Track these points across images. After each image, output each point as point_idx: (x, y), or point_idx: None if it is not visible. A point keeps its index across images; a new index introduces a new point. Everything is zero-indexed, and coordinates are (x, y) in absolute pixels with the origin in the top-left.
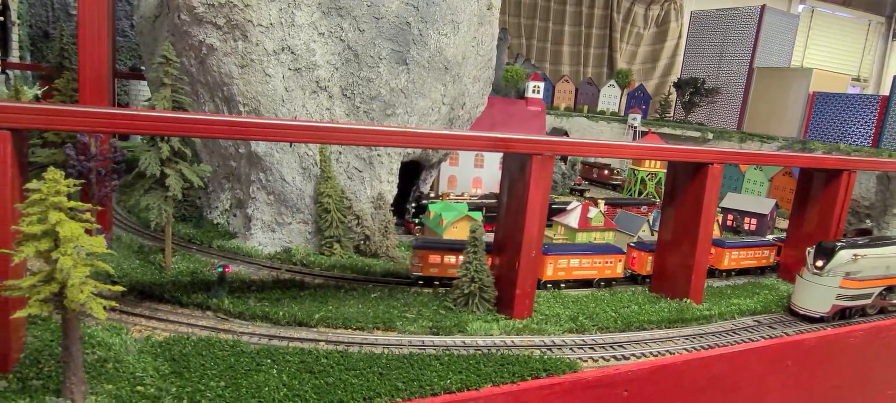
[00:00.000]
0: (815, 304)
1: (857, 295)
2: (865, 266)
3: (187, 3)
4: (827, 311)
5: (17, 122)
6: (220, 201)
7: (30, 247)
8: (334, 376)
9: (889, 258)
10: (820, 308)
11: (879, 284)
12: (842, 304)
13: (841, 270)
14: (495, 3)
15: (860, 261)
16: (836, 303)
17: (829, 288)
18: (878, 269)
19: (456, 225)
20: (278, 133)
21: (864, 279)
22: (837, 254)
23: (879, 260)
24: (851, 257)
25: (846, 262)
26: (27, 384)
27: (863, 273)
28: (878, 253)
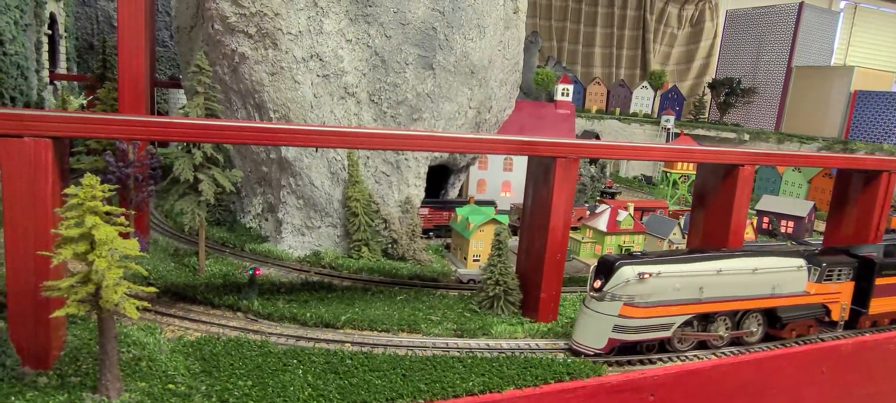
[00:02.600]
0: (589, 337)
1: (645, 326)
2: (661, 287)
3: (220, 12)
4: (602, 347)
5: (57, 131)
6: (252, 205)
7: (68, 250)
8: (358, 377)
9: (700, 276)
10: (594, 342)
11: (685, 312)
12: (620, 338)
13: (622, 293)
14: (522, 6)
15: (651, 282)
16: (613, 337)
17: (605, 317)
18: (684, 291)
19: (483, 229)
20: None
21: (658, 305)
22: (617, 272)
23: (684, 279)
24: (637, 276)
25: (629, 283)
26: (66, 380)
27: (656, 296)
28: (682, 271)
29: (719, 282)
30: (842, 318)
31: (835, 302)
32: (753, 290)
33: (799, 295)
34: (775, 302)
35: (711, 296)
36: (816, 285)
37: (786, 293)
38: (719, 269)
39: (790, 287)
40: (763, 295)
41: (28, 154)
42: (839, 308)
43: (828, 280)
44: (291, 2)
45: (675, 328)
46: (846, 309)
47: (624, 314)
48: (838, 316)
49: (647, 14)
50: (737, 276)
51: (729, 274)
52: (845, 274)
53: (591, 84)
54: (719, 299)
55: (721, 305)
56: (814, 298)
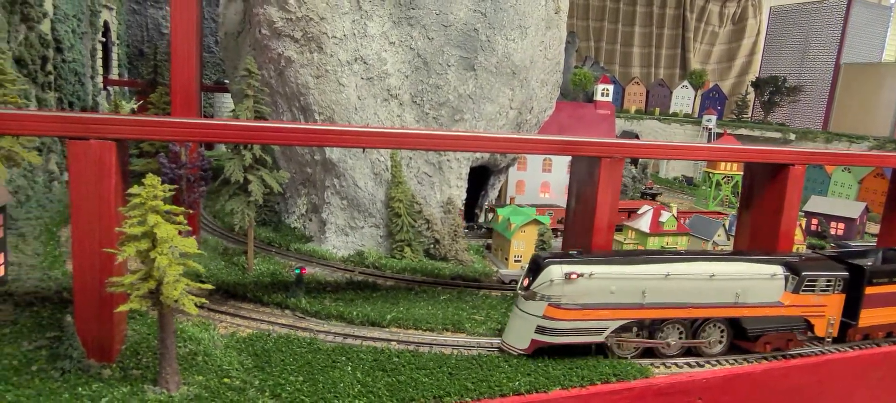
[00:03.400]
0: (514, 337)
1: (571, 329)
2: (592, 289)
3: (268, 18)
4: (525, 348)
5: (120, 133)
6: (296, 206)
7: (131, 247)
8: (406, 374)
9: (642, 279)
10: (518, 343)
11: (620, 316)
12: (543, 340)
13: (547, 293)
14: (563, 6)
15: (581, 283)
16: (536, 338)
17: (529, 317)
18: (621, 295)
19: (524, 230)
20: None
21: (587, 307)
22: (544, 271)
23: (622, 282)
24: (564, 276)
25: (555, 283)
26: (127, 373)
27: (587, 298)
28: (619, 273)
29: (667, 287)
30: (829, 334)
31: (818, 315)
32: (711, 298)
33: (771, 306)
34: (739, 311)
35: (656, 302)
36: (793, 296)
37: (754, 302)
38: (667, 273)
39: (760, 296)
40: (724, 303)
41: (94, 155)
42: (825, 322)
43: (808, 291)
44: (337, 6)
45: (608, 333)
46: (835, 324)
47: (548, 315)
48: (824, 330)
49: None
50: (689, 282)
51: (679, 279)
52: (832, 286)
53: (629, 84)
54: (667, 305)
55: (669, 312)
56: (789, 310)
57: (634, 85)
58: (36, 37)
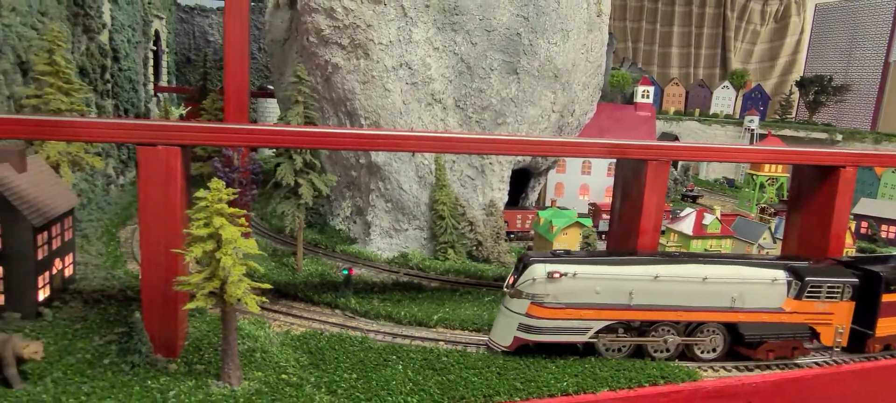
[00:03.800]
0: (499, 334)
1: (553, 327)
2: (576, 288)
3: (316, 26)
4: (508, 345)
5: (185, 139)
6: (341, 208)
7: (198, 248)
8: (455, 373)
9: (629, 280)
10: (502, 340)
11: (605, 317)
12: (525, 338)
13: (530, 292)
14: (605, 8)
15: (564, 282)
16: (518, 336)
17: (513, 315)
18: (606, 295)
19: (566, 232)
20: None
21: (571, 307)
22: (527, 269)
23: (608, 282)
24: (546, 275)
25: (537, 281)
26: (192, 368)
27: (571, 298)
28: (605, 273)
29: (656, 289)
30: (837, 343)
31: (824, 323)
32: (705, 301)
33: (770, 312)
34: (736, 316)
35: (644, 303)
36: (795, 302)
37: (751, 307)
38: (657, 275)
39: (759, 301)
40: (719, 307)
41: (161, 161)
42: (832, 331)
43: (811, 298)
44: (383, 14)
45: (592, 333)
46: (843, 333)
47: (531, 313)
48: (831, 340)
49: (728, 11)
50: (680, 284)
51: (669, 281)
52: (840, 293)
53: (668, 85)
54: (656, 307)
55: (659, 314)
56: (791, 317)
57: (673, 86)
58: (96, 47)
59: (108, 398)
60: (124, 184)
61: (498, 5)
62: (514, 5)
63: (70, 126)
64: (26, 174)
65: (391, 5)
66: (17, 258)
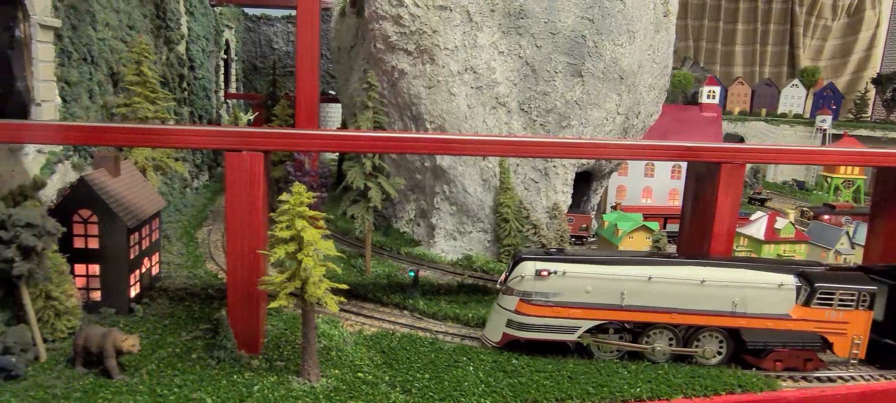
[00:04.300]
0: (490, 330)
1: (541, 325)
2: (566, 287)
3: (383, 33)
4: (497, 341)
5: (267, 145)
6: (405, 211)
7: (281, 249)
8: (526, 376)
9: (621, 281)
10: (493, 336)
11: (594, 316)
12: (513, 334)
13: (519, 289)
14: (673, 9)
15: (553, 280)
16: (506, 332)
17: (504, 311)
18: (597, 295)
19: (632, 236)
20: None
21: (559, 305)
22: (517, 266)
23: (598, 282)
24: (535, 273)
25: (526, 279)
26: (273, 364)
27: (560, 296)
28: (596, 273)
29: (650, 290)
30: (853, 355)
31: (838, 333)
32: (703, 305)
33: (776, 319)
34: (736, 322)
35: (637, 304)
36: (804, 309)
37: (755, 313)
38: (650, 276)
39: (763, 307)
40: (718, 311)
41: (246, 165)
42: (848, 341)
43: (822, 305)
44: (449, 19)
45: (581, 332)
46: (861, 345)
47: (518, 310)
48: (847, 351)
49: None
50: (676, 286)
51: (664, 283)
52: (855, 301)
53: (732, 84)
54: (650, 309)
55: (652, 316)
56: (799, 325)
57: (738, 85)
58: (175, 57)
59: (199, 390)
60: (198, 188)
61: (563, 8)
62: (580, 8)
63: (171, 133)
64: (120, 178)
65: (457, 11)
66: (112, 257)
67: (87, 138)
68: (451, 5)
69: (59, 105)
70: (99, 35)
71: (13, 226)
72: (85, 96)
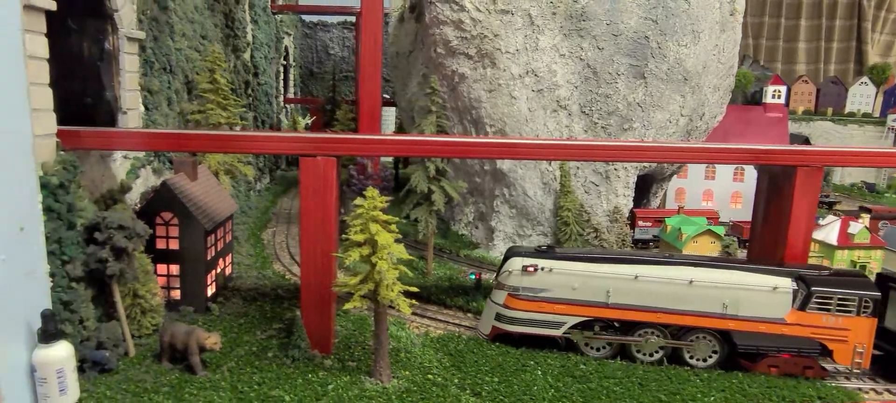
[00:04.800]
0: (483, 323)
1: (526, 319)
2: (553, 283)
3: (444, 38)
4: (487, 333)
5: (339, 150)
6: (463, 214)
7: (355, 252)
8: (595, 382)
9: (607, 279)
10: (484, 328)
11: (579, 313)
12: (501, 327)
13: (507, 283)
14: (739, 7)
15: (539, 276)
16: (495, 325)
17: (493, 305)
18: (583, 292)
19: (696, 240)
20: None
21: (545, 301)
22: (507, 262)
23: (585, 279)
24: (522, 268)
25: (514, 274)
26: (345, 364)
27: (547, 292)
28: (583, 270)
29: (636, 289)
30: (856, 364)
31: (838, 340)
32: (691, 305)
33: (770, 322)
34: (725, 323)
35: (623, 303)
36: (799, 314)
37: (747, 316)
38: (636, 275)
39: (756, 310)
40: (708, 313)
41: (320, 170)
42: (850, 349)
43: (818, 310)
44: (510, 23)
45: (566, 328)
46: (865, 353)
47: (506, 304)
48: (849, 360)
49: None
50: (663, 286)
51: (650, 282)
52: (856, 307)
53: (795, 82)
54: (636, 308)
55: (638, 314)
56: (793, 329)
57: (802, 83)
58: (241, 64)
59: (277, 388)
60: (260, 190)
61: (625, 9)
62: (643, 8)
63: (253, 139)
64: (197, 182)
65: (518, 14)
66: (191, 258)
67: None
68: (512, 9)
69: (143, 113)
70: (176, 45)
71: (107, 228)
72: (164, 104)
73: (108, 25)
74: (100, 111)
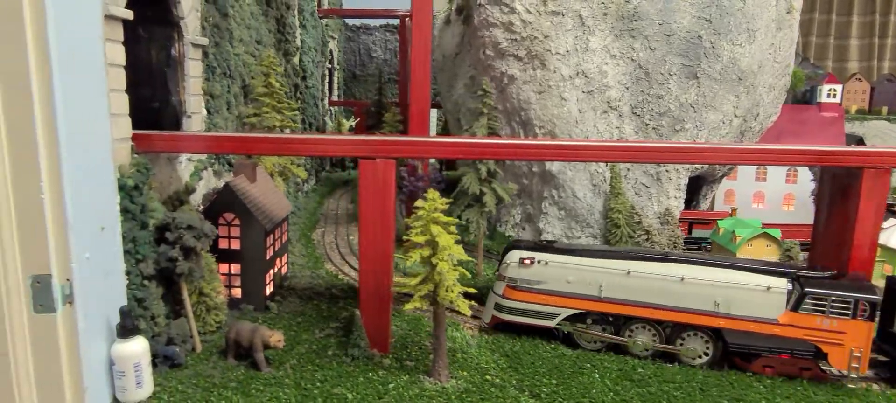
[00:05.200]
0: (486, 313)
1: (521, 309)
2: (548, 276)
3: (493, 40)
4: (488, 322)
5: (398, 153)
6: (510, 216)
7: (416, 254)
8: (655, 386)
9: (599, 273)
10: (486, 318)
11: (571, 305)
12: (499, 317)
13: (506, 274)
14: (796, 4)
15: (536, 269)
16: (494, 314)
17: (494, 295)
18: (577, 286)
19: (751, 244)
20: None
21: (540, 292)
22: (507, 255)
23: (578, 272)
24: (519, 261)
25: (511, 266)
26: (403, 364)
27: (543, 284)
28: (577, 263)
29: (628, 285)
30: (853, 368)
31: (833, 342)
32: (683, 302)
33: (762, 323)
34: (716, 321)
35: (614, 297)
36: (792, 315)
37: (740, 315)
38: (629, 270)
39: (749, 309)
40: (699, 310)
41: (379, 172)
42: (846, 353)
43: (812, 311)
44: (561, 24)
45: (560, 319)
46: (862, 358)
47: (505, 294)
48: (845, 364)
49: None
50: (654, 282)
51: (642, 278)
52: (851, 310)
53: (848, 80)
54: (628, 302)
55: (629, 309)
56: (786, 330)
57: (855, 81)
58: (291, 68)
59: (339, 386)
60: (307, 191)
61: (678, 8)
62: (696, 7)
63: (317, 142)
64: (256, 184)
65: (569, 16)
66: (251, 257)
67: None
68: (563, 10)
69: (205, 116)
70: (234, 50)
71: (176, 228)
72: (224, 108)
73: (175, 32)
74: (165, 115)
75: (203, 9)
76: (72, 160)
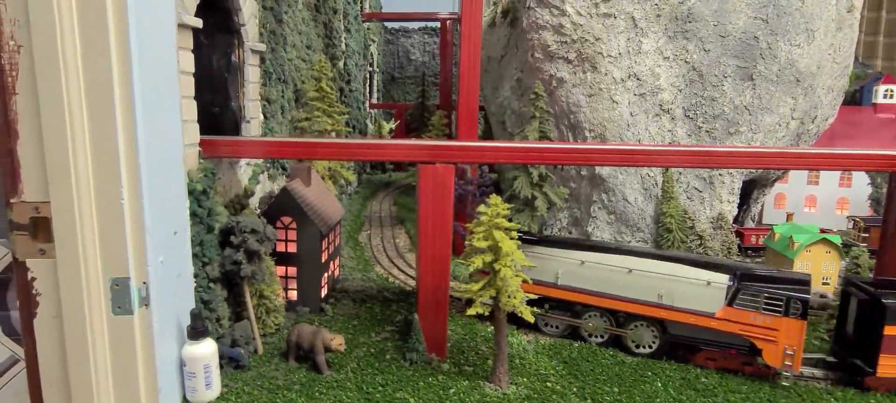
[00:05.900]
0: None
1: None
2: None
3: (542, 42)
4: None
5: (455, 158)
6: (556, 219)
7: (478, 259)
8: (720, 396)
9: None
10: None
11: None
12: None
13: None
14: (857, 3)
15: None
16: None
17: None
18: (538, 273)
19: (809, 250)
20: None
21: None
22: None
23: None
24: None
25: None
26: (461, 369)
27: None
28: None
29: (582, 274)
30: (786, 366)
31: (766, 339)
32: (630, 293)
33: (701, 316)
34: (659, 312)
35: (570, 285)
36: (727, 309)
37: (682, 307)
38: (582, 260)
39: (690, 302)
40: (645, 301)
41: (438, 177)
42: (779, 350)
43: (745, 306)
44: (613, 26)
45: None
46: (795, 356)
47: None
48: (778, 360)
49: None
50: (603, 272)
51: (594, 268)
52: (783, 307)
53: None
54: (581, 291)
55: (582, 297)
56: (721, 325)
57: None
58: (337, 72)
59: (401, 390)
60: (352, 194)
61: (734, 9)
62: (752, 8)
63: (378, 147)
64: (311, 187)
65: (621, 18)
66: (307, 260)
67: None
68: (615, 12)
69: (262, 121)
70: (288, 56)
71: (241, 232)
72: (279, 112)
73: (235, 39)
74: (225, 120)
75: (261, 15)
76: (149, 166)
